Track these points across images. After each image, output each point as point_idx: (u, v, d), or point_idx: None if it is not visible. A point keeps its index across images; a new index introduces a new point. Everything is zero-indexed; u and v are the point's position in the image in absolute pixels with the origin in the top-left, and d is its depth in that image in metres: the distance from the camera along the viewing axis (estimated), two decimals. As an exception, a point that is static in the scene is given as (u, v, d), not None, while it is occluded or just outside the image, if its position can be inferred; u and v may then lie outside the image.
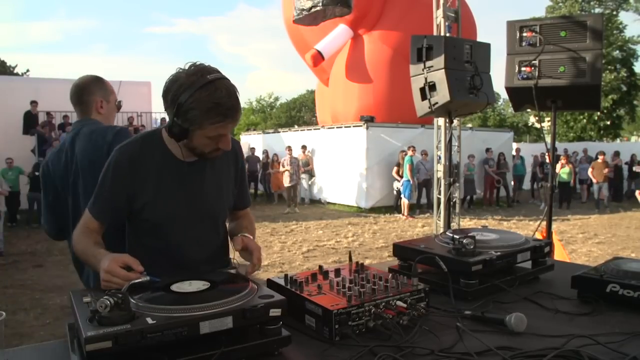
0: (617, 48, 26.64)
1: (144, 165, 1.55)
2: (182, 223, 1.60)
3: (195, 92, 1.38)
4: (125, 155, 1.55)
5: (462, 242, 1.65)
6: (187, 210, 1.59)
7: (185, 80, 1.40)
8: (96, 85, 2.21)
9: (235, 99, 1.44)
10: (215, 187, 1.65)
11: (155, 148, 1.58)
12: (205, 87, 1.38)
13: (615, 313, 1.46)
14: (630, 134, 38.39)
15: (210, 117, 1.41)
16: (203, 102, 1.39)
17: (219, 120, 1.42)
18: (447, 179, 6.65)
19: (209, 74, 1.41)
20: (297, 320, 1.37)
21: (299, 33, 15.89)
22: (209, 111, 1.40)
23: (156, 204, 1.56)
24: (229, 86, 1.43)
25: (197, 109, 1.39)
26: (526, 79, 3.72)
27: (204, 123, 1.42)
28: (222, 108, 1.40)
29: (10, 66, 32.21)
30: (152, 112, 16.96)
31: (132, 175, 1.54)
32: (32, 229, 10.84)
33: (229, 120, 1.44)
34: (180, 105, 1.40)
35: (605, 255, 7.49)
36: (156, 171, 1.56)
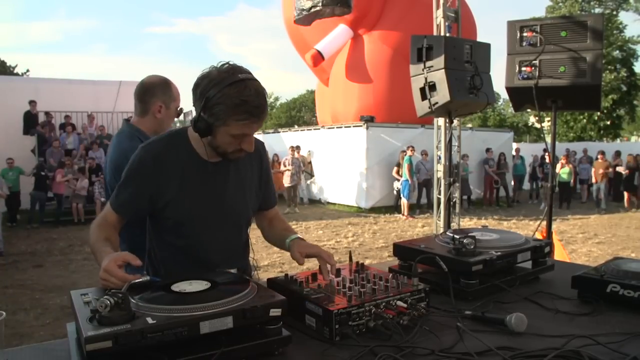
0: (617, 48, 26.64)
1: (168, 164, 1.55)
2: (205, 223, 1.60)
3: (224, 88, 1.39)
4: (150, 153, 1.56)
5: (462, 242, 1.65)
6: (209, 210, 1.59)
7: (216, 76, 1.41)
8: (161, 89, 2.21)
9: (264, 100, 1.44)
10: (239, 188, 1.65)
11: (181, 147, 1.58)
12: (234, 85, 1.39)
13: (615, 313, 1.46)
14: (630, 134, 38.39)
15: (236, 114, 1.41)
16: (231, 98, 1.39)
17: (244, 118, 1.42)
18: (447, 179, 6.65)
19: (240, 73, 1.42)
20: (297, 320, 1.37)
21: (299, 33, 15.89)
22: (235, 107, 1.40)
23: (179, 202, 1.56)
24: (258, 87, 1.43)
25: (224, 104, 1.40)
26: (526, 79, 3.72)
27: (229, 119, 1.42)
28: (249, 106, 1.40)
29: (10, 66, 32.22)
30: (152, 112, 16.95)
31: (156, 173, 1.54)
32: (32, 229, 10.85)
33: (255, 119, 1.44)
34: (208, 99, 1.40)
35: (605, 255, 7.49)
36: (181, 170, 1.56)
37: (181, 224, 1.58)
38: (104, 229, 1.53)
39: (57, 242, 9.33)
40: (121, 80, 16.25)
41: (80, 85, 15.69)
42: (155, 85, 2.20)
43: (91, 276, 6.70)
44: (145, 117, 2.19)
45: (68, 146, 13.47)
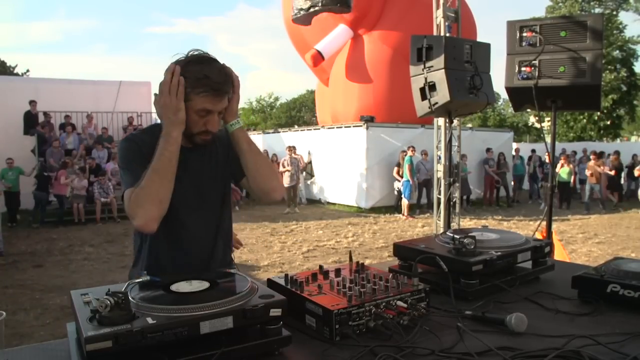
0: (617, 48, 26.65)
1: (148, 151, 1.57)
2: (185, 205, 1.63)
3: (188, 65, 1.50)
4: (134, 142, 1.62)
5: (462, 242, 1.65)
6: (187, 193, 1.63)
7: (183, 58, 1.53)
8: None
9: (225, 77, 1.51)
10: (214, 171, 1.71)
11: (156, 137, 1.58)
12: (198, 62, 1.50)
13: (615, 313, 1.46)
14: (630, 134, 38.40)
15: (197, 87, 1.49)
16: (193, 73, 1.48)
17: (204, 91, 1.49)
18: (447, 179, 6.65)
19: (207, 56, 1.53)
20: (297, 320, 1.37)
21: (299, 33, 15.90)
22: (197, 81, 1.48)
23: None
24: (221, 66, 1.52)
25: (187, 80, 1.48)
26: (526, 79, 3.72)
27: (191, 93, 1.49)
28: (210, 81, 1.48)
29: (10, 66, 32.21)
30: (152, 112, 16.94)
31: (145, 157, 1.54)
32: (32, 229, 10.85)
33: (216, 94, 1.50)
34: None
35: (605, 255, 7.50)
36: None
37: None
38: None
39: (57, 242, 9.33)
40: (121, 80, 16.27)
41: (80, 85, 15.70)
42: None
43: (91, 276, 6.70)
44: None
45: (68, 146, 13.48)
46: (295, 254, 7.78)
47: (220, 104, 1.54)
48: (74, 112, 14.60)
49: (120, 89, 15.99)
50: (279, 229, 10.41)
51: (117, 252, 8.29)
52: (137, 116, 15.88)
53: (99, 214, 11.76)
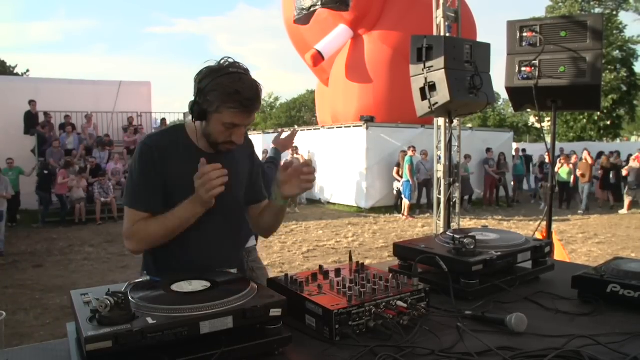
0: (617, 48, 26.65)
1: (168, 154, 1.60)
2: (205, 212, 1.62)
3: (219, 77, 1.48)
4: (152, 146, 1.60)
5: (462, 242, 1.65)
6: None
7: (215, 67, 1.51)
8: None
9: (256, 94, 1.50)
10: (232, 179, 1.65)
11: (178, 139, 1.64)
12: (230, 75, 1.48)
13: (615, 313, 1.46)
14: (630, 134, 38.39)
15: (229, 102, 1.47)
16: (224, 87, 1.46)
17: (235, 107, 1.48)
18: (447, 179, 6.65)
19: (238, 68, 1.51)
20: (297, 320, 1.37)
21: (299, 33, 15.89)
22: (228, 96, 1.46)
23: (176, 192, 1.59)
24: (253, 82, 1.51)
25: (217, 92, 1.47)
26: (526, 79, 3.72)
27: (222, 107, 1.48)
28: (241, 97, 1.46)
29: (10, 66, 32.20)
30: (152, 112, 16.96)
31: (161, 163, 1.58)
32: (32, 229, 10.85)
33: (246, 110, 1.49)
34: (204, 86, 1.49)
35: (605, 255, 7.49)
36: (179, 161, 1.60)
37: None
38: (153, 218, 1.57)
39: (57, 242, 9.33)
40: (121, 80, 16.27)
41: (80, 85, 15.70)
42: None
43: (91, 276, 6.70)
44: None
45: (68, 146, 13.48)
46: (295, 254, 7.78)
47: (249, 119, 1.53)
48: (74, 112, 14.59)
49: (120, 89, 15.98)
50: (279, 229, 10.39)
51: (117, 252, 8.28)
52: (137, 116, 15.88)
53: (99, 214, 11.76)
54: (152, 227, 1.55)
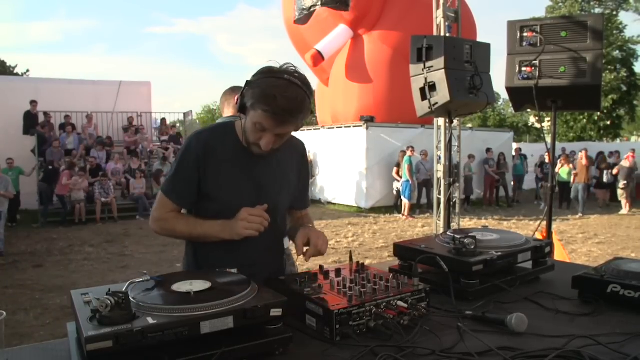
0: (617, 48, 26.66)
1: (216, 151, 1.61)
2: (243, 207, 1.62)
3: (269, 77, 1.46)
4: (201, 141, 1.61)
5: (463, 242, 1.65)
6: (249, 199, 1.62)
7: (274, 68, 1.49)
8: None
9: (294, 107, 1.45)
10: (279, 181, 1.70)
11: (228, 136, 1.64)
12: (279, 79, 1.45)
13: (616, 313, 1.46)
14: (630, 134, 38.39)
15: (263, 102, 1.44)
16: (266, 87, 1.44)
17: (267, 110, 1.44)
18: (447, 179, 6.64)
19: (293, 77, 1.46)
20: (297, 320, 1.37)
21: (299, 33, 15.89)
22: (266, 97, 1.44)
23: (221, 190, 1.61)
24: (298, 95, 1.45)
25: (259, 89, 1.45)
26: (526, 79, 3.72)
27: (256, 105, 1.46)
28: (276, 102, 1.43)
29: (10, 66, 32.18)
30: (152, 112, 16.96)
31: (206, 159, 1.59)
32: (32, 229, 10.84)
33: (276, 117, 1.45)
34: (253, 81, 1.48)
35: (605, 255, 7.49)
36: (226, 158, 1.61)
37: (221, 212, 1.61)
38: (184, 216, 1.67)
39: (57, 242, 9.33)
40: (121, 80, 16.27)
41: (80, 85, 15.70)
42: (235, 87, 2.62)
43: (91, 276, 6.70)
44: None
45: (68, 146, 13.48)
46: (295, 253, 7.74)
47: (279, 128, 1.49)
48: (74, 112, 14.59)
49: (120, 89, 15.98)
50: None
51: (117, 252, 8.28)
52: (137, 116, 15.88)
53: (99, 214, 11.76)
54: (180, 226, 1.62)
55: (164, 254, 8.06)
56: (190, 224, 1.62)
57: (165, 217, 1.64)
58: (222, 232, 1.56)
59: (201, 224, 1.60)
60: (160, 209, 1.65)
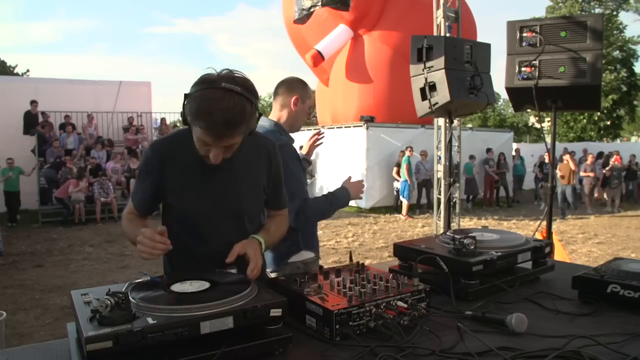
0: (617, 48, 26.66)
1: (174, 160, 1.60)
2: (206, 218, 1.62)
3: (204, 89, 1.39)
4: (156, 151, 1.63)
5: (462, 242, 1.65)
6: (211, 206, 1.62)
7: (208, 77, 1.42)
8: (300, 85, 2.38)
9: (230, 119, 1.38)
10: (242, 185, 1.65)
11: (186, 145, 1.58)
12: (214, 91, 1.37)
13: (616, 314, 1.46)
14: (630, 134, 38.39)
15: (199, 119, 1.39)
16: (201, 102, 1.38)
17: (204, 127, 1.39)
18: (447, 179, 6.64)
19: (232, 83, 1.39)
20: (297, 320, 1.37)
21: (299, 33, 15.89)
22: (201, 113, 1.38)
23: (183, 197, 1.61)
24: (234, 106, 1.37)
25: (194, 105, 1.40)
26: (526, 79, 3.72)
27: (194, 121, 1.42)
28: (211, 119, 1.37)
29: (10, 66, 32.18)
30: (152, 112, 16.95)
31: (163, 170, 1.60)
32: (32, 229, 10.84)
33: (215, 133, 1.39)
34: (190, 93, 1.42)
35: (605, 255, 7.49)
36: (185, 167, 1.60)
37: (185, 219, 1.63)
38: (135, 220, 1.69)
39: (57, 242, 9.33)
40: (121, 80, 16.26)
41: (80, 85, 15.69)
42: (294, 82, 2.39)
43: (91, 276, 6.70)
44: (282, 112, 2.33)
45: (68, 146, 13.48)
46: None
47: (222, 142, 1.43)
48: (74, 112, 14.59)
49: (120, 89, 15.97)
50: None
51: (117, 252, 8.28)
52: (137, 116, 15.87)
53: (99, 214, 11.76)
54: (127, 229, 1.66)
55: (164, 254, 8.06)
56: (130, 230, 1.62)
57: (126, 217, 1.71)
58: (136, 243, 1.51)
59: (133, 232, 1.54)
60: (126, 208, 1.74)
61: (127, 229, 1.67)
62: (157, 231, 1.42)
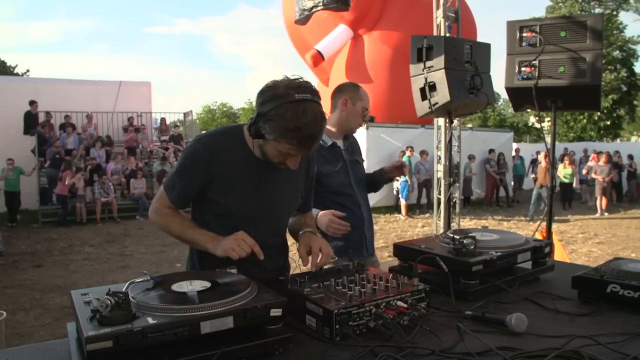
0: (617, 48, 26.64)
1: (221, 157, 1.60)
2: (247, 218, 1.64)
3: (282, 105, 1.39)
4: (207, 145, 1.60)
5: (462, 242, 1.65)
6: (253, 205, 1.64)
7: (281, 90, 1.42)
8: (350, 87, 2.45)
9: (319, 129, 1.44)
10: (285, 188, 1.70)
11: (235, 143, 1.62)
12: (294, 105, 1.39)
13: (615, 313, 1.47)
14: (630, 134, 38.38)
15: (288, 137, 1.42)
16: (286, 119, 1.39)
17: (294, 144, 1.44)
18: (447, 179, 6.64)
19: (305, 92, 1.41)
20: (297, 320, 1.37)
21: (299, 33, 15.89)
22: (289, 131, 1.40)
23: (228, 195, 1.61)
24: (317, 114, 1.41)
25: (277, 123, 1.41)
26: (526, 79, 3.72)
27: (280, 139, 1.44)
28: (302, 134, 1.41)
29: (10, 66, 32.16)
30: (152, 112, 16.95)
31: (211, 165, 1.59)
32: (32, 229, 10.84)
33: (304, 147, 1.46)
34: (266, 111, 1.42)
35: (605, 255, 7.49)
36: (233, 165, 1.60)
37: (226, 216, 1.63)
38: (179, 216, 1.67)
39: (57, 242, 9.32)
40: (121, 80, 16.26)
41: (80, 85, 15.69)
42: (346, 85, 2.47)
43: (91, 276, 6.70)
44: (332, 114, 2.41)
45: (68, 146, 13.48)
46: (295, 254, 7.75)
47: (307, 152, 1.52)
48: (74, 112, 14.59)
49: (120, 89, 15.97)
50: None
51: (117, 252, 8.28)
52: (137, 116, 15.87)
53: (99, 214, 11.76)
54: (173, 226, 1.64)
55: (164, 254, 8.06)
56: (183, 226, 1.63)
57: (163, 212, 1.66)
58: (209, 243, 1.57)
59: (193, 230, 1.61)
60: (158, 201, 1.68)
61: (170, 223, 1.64)
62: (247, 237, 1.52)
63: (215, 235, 1.58)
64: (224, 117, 51.34)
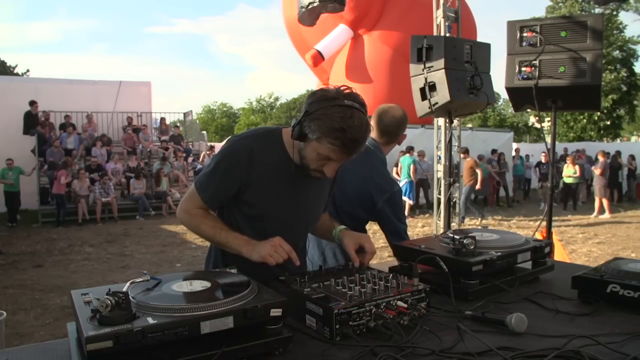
0: (617, 48, 26.63)
1: (261, 160, 1.58)
2: (280, 222, 1.65)
3: (331, 107, 1.42)
4: (245, 147, 1.58)
5: (462, 242, 1.65)
6: (287, 211, 1.65)
7: (330, 94, 1.45)
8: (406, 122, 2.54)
9: (363, 135, 1.44)
10: (317, 194, 1.73)
11: (273, 146, 1.62)
12: (342, 108, 1.41)
13: (615, 313, 1.46)
14: (630, 134, 38.40)
15: (331, 137, 1.42)
16: (332, 119, 1.41)
17: (337, 144, 1.43)
18: (447, 179, 6.64)
19: (354, 101, 1.44)
20: (297, 320, 1.37)
21: (299, 33, 15.88)
22: (333, 131, 1.41)
23: (263, 198, 1.61)
24: (363, 121, 1.43)
25: (323, 122, 1.42)
26: (526, 79, 3.72)
27: (323, 139, 1.44)
28: (346, 136, 1.41)
29: (10, 66, 32.16)
30: (152, 112, 16.96)
31: (249, 166, 1.57)
32: (32, 229, 10.84)
33: (345, 150, 1.45)
34: (313, 110, 1.43)
35: (605, 255, 7.49)
36: (269, 168, 1.60)
37: (258, 218, 1.64)
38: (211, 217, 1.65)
39: (57, 242, 9.33)
40: (121, 80, 16.27)
41: (80, 85, 15.71)
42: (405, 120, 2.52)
43: (91, 276, 6.70)
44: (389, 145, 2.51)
45: (68, 146, 13.48)
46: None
47: (347, 158, 1.49)
48: (74, 112, 14.60)
49: (120, 89, 15.99)
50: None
51: (117, 252, 8.28)
52: (137, 116, 15.89)
53: (100, 214, 11.76)
54: (205, 227, 1.62)
55: (164, 254, 8.06)
56: (216, 228, 1.61)
57: (194, 213, 1.64)
58: (243, 247, 1.55)
59: (226, 232, 1.59)
60: (189, 201, 1.65)
61: (202, 225, 1.62)
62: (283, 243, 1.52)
63: (249, 240, 1.56)
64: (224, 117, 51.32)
